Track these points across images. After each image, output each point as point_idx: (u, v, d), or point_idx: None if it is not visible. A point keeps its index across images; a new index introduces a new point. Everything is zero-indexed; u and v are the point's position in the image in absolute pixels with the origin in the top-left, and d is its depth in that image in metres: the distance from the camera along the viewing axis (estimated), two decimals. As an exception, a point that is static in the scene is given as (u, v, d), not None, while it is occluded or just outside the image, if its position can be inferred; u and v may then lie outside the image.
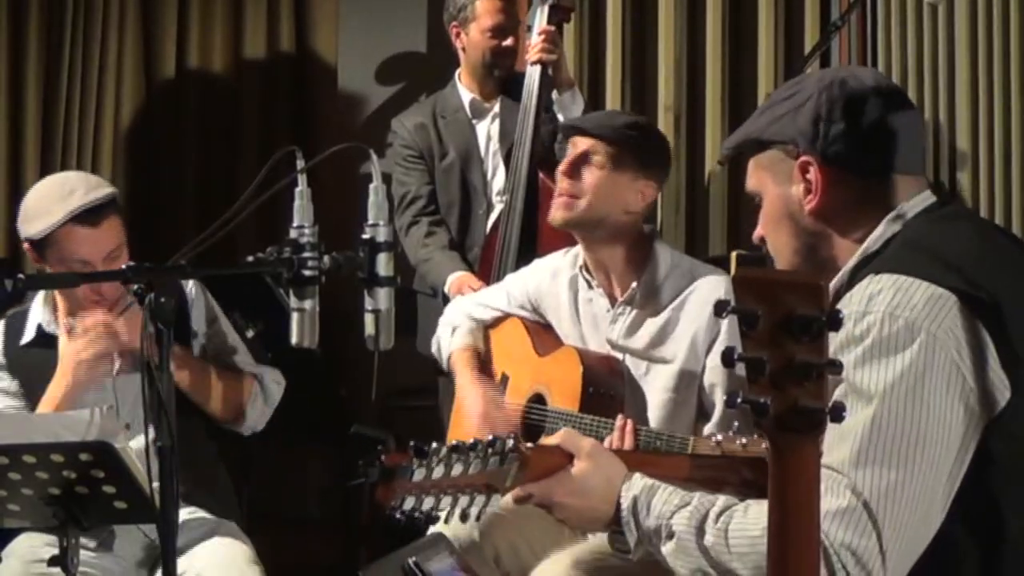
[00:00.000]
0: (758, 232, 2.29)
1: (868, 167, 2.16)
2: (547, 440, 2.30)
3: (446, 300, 4.48)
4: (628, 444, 3.16)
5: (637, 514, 2.18)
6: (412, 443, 2.10)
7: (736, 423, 3.05)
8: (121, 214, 3.50)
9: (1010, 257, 2.16)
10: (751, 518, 2.05)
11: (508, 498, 2.26)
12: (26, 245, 3.49)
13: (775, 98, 2.25)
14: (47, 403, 3.35)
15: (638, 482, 2.21)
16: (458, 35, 4.79)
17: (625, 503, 2.20)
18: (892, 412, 1.95)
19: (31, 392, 3.45)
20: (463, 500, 2.15)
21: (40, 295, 3.57)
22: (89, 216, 3.40)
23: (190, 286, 3.62)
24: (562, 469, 2.24)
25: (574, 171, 3.52)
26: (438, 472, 2.11)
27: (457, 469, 2.12)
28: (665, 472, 2.32)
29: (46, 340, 3.50)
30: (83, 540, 2.99)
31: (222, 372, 3.56)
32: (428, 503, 2.12)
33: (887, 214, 2.16)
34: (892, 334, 1.97)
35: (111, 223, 3.44)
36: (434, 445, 2.11)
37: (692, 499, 2.14)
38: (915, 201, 2.17)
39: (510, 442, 2.17)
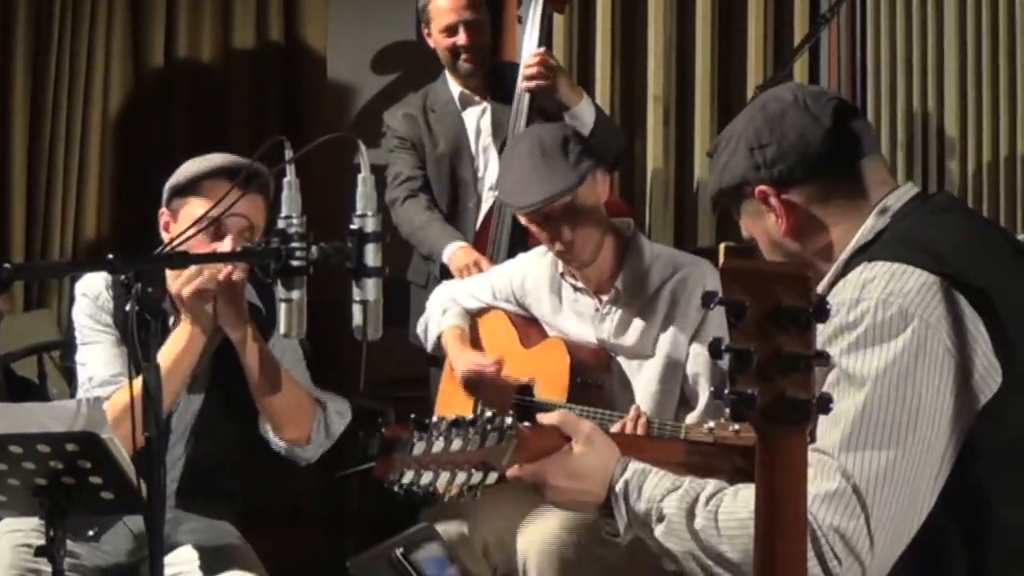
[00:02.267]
0: None
1: (815, 171, 2.21)
2: (545, 418, 2.30)
3: (442, 268, 4.49)
4: (640, 434, 3.16)
5: (628, 497, 2.18)
6: (413, 416, 2.09)
7: (728, 409, 3.05)
8: (269, 203, 3.28)
9: (999, 247, 2.18)
10: (740, 501, 2.06)
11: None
12: (162, 211, 3.34)
13: (717, 153, 2.33)
14: (163, 353, 3.14)
15: (631, 467, 2.22)
16: (428, 36, 4.86)
17: (618, 487, 2.20)
18: (884, 396, 1.97)
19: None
20: (461, 476, 2.14)
21: None
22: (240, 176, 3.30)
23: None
24: (558, 451, 2.24)
25: (555, 236, 3.46)
26: (438, 446, 2.09)
27: (456, 444, 2.11)
28: (659, 457, 2.32)
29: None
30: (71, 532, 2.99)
31: (291, 379, 3.32)
32: (427, 478, 2.11)
33: (861, 202, 2.21)
34: (885, 320, 1.99)
35: (258, 200, 3.26)
36: (435, 419, 2.10)
37: (683, 483, 2.15)
38: (900, 193, 2.22)
39: (508, 419, 2.17)
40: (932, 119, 4.87)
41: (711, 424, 3.04)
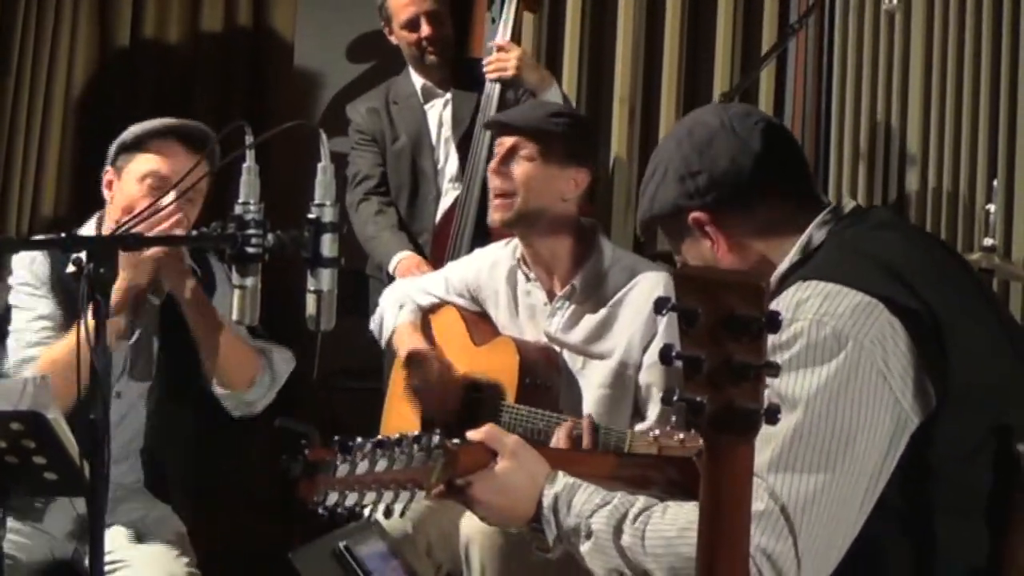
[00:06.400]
0: None
1: (749, 197, 2.20)
2: (472, 434, 2.29)
3: (391, 279, 4.49)
4: (586, 442, 3.15)
5: (557, 512, 2.18)
6: (336, 438, 2.09)
7: (674, 418, 3.05)
8: (214, 171, 3.32)
9: (939, 266, 2.16)
10: (668, 520, 2.06)
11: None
12: (107, 170, 3.39)
13: (644, 181, 2.34)
14: None
15: (560, 480, 2.21)
16: (390, 33, 4.88)
17: (546, 501, 2.20)
18: (815, 419, 1.96)
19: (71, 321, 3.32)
20: (387, 496, 2.13)
21: (92, 220, 3.48)
22: (192, 138, 3.34)
23: (214, 264, 3.54)
24: (485, 467, 2.23)
25: (503, 168, 3.51)
26: (362, 468, 2.09)
27: (381, 464, 2.10)
28: (592, 470, 2.31)
29: None
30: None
31: (235, 333, 3.41)
32: (352, 499, 2.10)
33: (797, 221, 2.20)
34: (819, 341, 1.98)
35: (205, 166, 3.29)
36: (359, 440, 2.09)
37: (612, 499, 2.14)
38: (837, 209, 2.21)
39: (436, 438, 2.16)
40: (895, 132, 4.89)
41: (656, 432, 3.03)
